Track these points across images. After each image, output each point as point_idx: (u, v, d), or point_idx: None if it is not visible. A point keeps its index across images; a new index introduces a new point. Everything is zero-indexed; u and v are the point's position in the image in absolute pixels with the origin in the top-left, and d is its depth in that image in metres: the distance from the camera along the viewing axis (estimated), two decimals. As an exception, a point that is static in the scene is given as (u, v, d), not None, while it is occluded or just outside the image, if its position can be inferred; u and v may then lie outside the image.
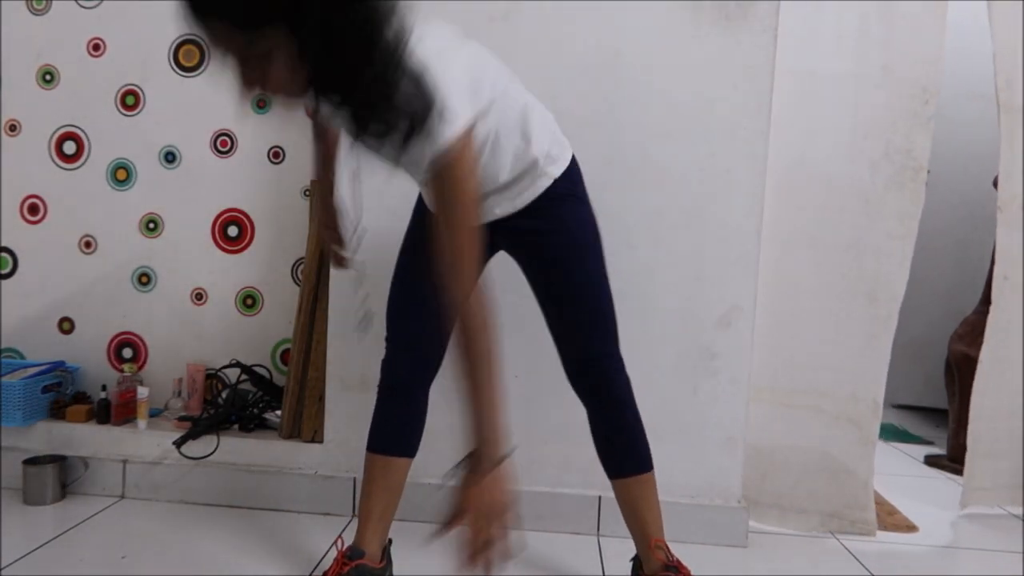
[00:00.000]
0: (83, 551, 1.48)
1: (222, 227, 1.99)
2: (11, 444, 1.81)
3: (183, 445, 1.75)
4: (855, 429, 1.78)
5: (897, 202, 1.75)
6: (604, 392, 1.33)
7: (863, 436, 1.78)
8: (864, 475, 1.78)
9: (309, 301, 1.80)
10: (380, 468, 1.35)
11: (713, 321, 1.66)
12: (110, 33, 1.98)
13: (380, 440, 1.36)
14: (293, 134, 1.95)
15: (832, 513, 1.80)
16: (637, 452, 1.35)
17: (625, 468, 1.36)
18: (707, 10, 1.62)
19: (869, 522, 1.77)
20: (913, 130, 1.74)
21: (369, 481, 1.36)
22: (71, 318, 2.03)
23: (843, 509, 1.79)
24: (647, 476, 1.35)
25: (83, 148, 2.00)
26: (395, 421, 1.36)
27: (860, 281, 1.78)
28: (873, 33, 1.74)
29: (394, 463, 1.35)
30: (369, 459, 1.36)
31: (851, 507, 1.78)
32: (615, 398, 1.33)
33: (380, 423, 1.37)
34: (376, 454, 1.35)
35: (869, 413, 1.78)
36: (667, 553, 1.32)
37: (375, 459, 1.35)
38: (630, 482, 1.35)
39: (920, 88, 1.73)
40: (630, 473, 1.35)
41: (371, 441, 1.36)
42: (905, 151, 1.74)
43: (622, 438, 1.35)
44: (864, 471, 1.78)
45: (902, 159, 1.74)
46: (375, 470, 1.35)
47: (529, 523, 1.69)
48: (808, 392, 1.81)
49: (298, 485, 1.74)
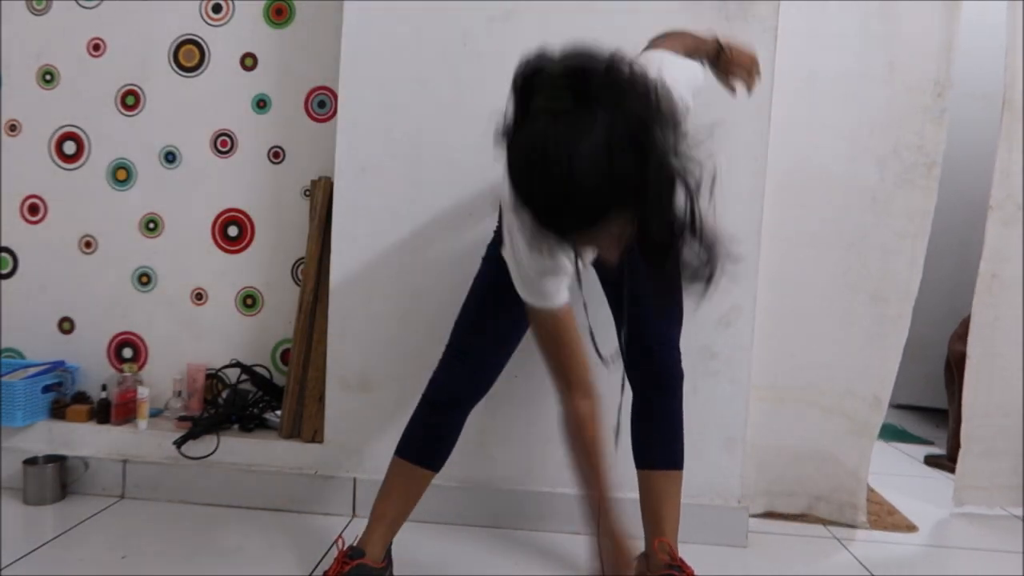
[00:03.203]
0: (83, 551, 1.48)
1: (222, 227, 1.99)
2: (11, 444, 1.80)
3: (183, 445, 1.75)
4: (847, 422, 1.79)
5: (907, 200, 1.74)
6: (664, 378, 1.35)
7: (855, 428, 1.79)
8: (854, 465, 1.78)
9: (309, 301, 1.80)
10: (405, 475, 1.35)
11: (713, 321, 1.66)
12: (110, 33, 1.98)
13: (412, 448, 1.35)
14: (293, 134, 1.95)
15: (820, 496, 1.81)
16: (674, 447, 1.37)
17: (657, 460, 1.37)
18: (707, 10, 1.62)
19: (858, 507, 1.78)
20: (925, 125, 1.72)
21: (391, 484, 1.35)
22: (71, 318, 2.03)
23: (831, 493, 1.80)
24: (676, 474, 1.36)
25: (83, 148, 2.00)
26: (433, 434, 1.36)
27: (864, 280, 1.77)
28: (876, 29, 1.73)
29: (420, 473, 1.35)
30: (396, 463, 1.36)
31: (839, 491, 1.79)
32: (670, 386, 1.35)
33: (417, 432, 1.36)
34: (405, 460, 1.35)
35: (867, 408, 1.78)
36: (672, 553, 1.32)
37: (403, 465, 1.35)
38: (659, 475, 1.36)
39: (931, 82, 1.71)
40: (662, 466, 1.36)
41: (403, 447, 1.36)
42: (916, 147, 1.72)
43: (665, 428, 1.36)
44: (854, 461, 1.78)
45: (913, 155, 1.72)
46: (400, 475, 1.35)
47: (529, 523, 1.69)
48: (805, 388, 1.81)
49: (298, 485, 1.74)
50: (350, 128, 1.71)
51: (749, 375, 1.67)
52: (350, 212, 1.72)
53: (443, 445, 1.36)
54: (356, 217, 1.72)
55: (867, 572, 1.56)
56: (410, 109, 1.69)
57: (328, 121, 1.92)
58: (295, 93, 1.94)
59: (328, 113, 1.92)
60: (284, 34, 1.93)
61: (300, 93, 1.94)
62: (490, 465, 1.72)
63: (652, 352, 1.34)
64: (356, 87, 1.70)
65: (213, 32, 1.95)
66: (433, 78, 1.68)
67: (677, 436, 1.37)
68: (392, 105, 1.69)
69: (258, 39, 1.94)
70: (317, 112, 1.94)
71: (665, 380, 1.36)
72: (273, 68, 1.94)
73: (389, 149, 1.70)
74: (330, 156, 1.75)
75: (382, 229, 1.71)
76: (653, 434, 1.37)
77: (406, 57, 1.68)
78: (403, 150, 1.70)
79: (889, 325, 1.76)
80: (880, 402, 1.78)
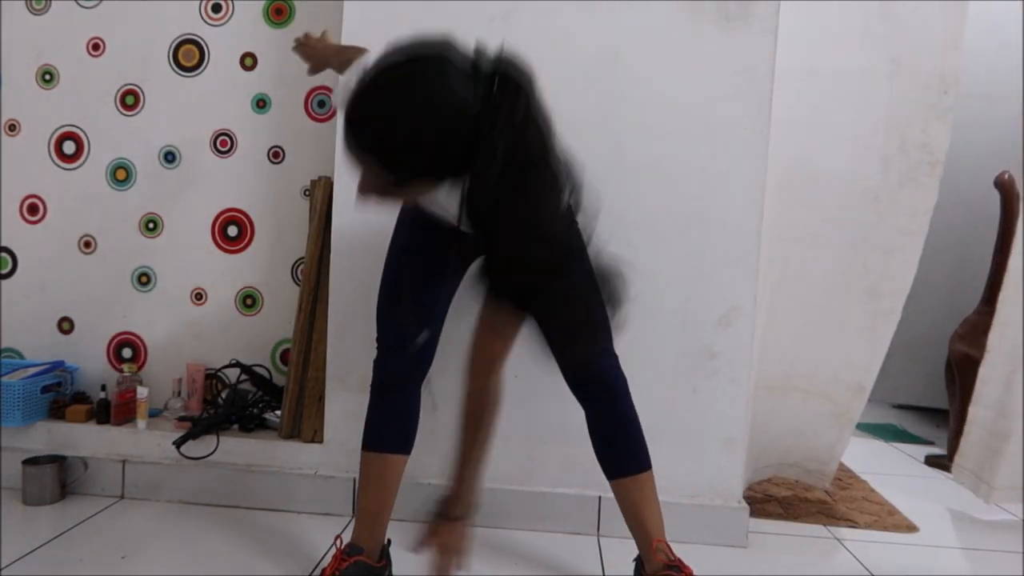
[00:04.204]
0: (83, 551, 1.48)
1: (222, 227, 1.98)
2: (11, 444, 1.80)
3: (183, 445, 1.75)
4: (829, 404, 1.80)
5: (910, 198, 1.73)
6: (605, 388, 1.34)
7: (835, 410, 1.82)
8: (830, 442, 1.79)
9: (309, 301, 1.80)
10: (375, 466, 1.36)
11: (713, 321, 1.66)
12: (110, 33, 1.98)
13: (375, 438, 1.36)
14: (293, 134, 1.95)
15: (792, 463, 1.81)
16: (636, 450, 1.36)
17: (623, 467, 1.36)
18: (707, 10, 1.62)
19: (825, 475, 1.79)
20: (930, 123, 1.70)
21: (365, 479, 1.36)
22: (71, 318, 2.03)
23: (802, 460, 1.81)
24: (646, 475, 1.35)
25: (83, 148, 2.00)
26: (389, 418, 1.37)
27: (863, 277, 1.77)
28: (877, 28, 1.72)
29: (390, 460, 1.35)
30: (364, 457, 1.36)
31: (810, 460, 1.81)
32: (614, 393, 1.34)
33: (374, 421, 1.37)
34: (371, 452, 1.36)
35: (849, 394, 1.79)
36: (668, 553, 1.32)
37: (370, 457, 1.36)
38: (628, 482, 1.35)
39: (937, 79, 1.69)
40: (628, 472, 1.35)
41: (366, 439, 1.37)
42: (921, 145, 1.71)
43: (620, 436, 1.35)
44: (831, 440, 1.80)
45: (918, 153, 1.71)
46: (370, 468, 1.36)
47: (529, 523, 1.69)
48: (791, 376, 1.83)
49: (298, 485, 1.74)
50: (350, 128, 1.71)
51: (750, 375, 1.67)
52: (350, 212, 1.72)
53: (404, 427, 1.37)
54: (356, 217, 1.71)
55: (867, 572, 1.56)
56: (410, 109, 1.69)
57: (328, 121, 1.92)
58: (295, 93, 1.94)
59: (328, 113, 1.92)
60: (284, 34, 1.93)
61: (300, 93, 1.94)
62: (490, 465, 1.72)
63: (584, 367, 1.33)
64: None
65: (213, 32, 1.95)
66: (433, 78, 1.68)
67: (637, 439, 1.35)
68: (392, 105, 1.69)
69: (258, 39, 1.94)
70: (317, 112, 1.94)
71: (606, 390, 1.34)
72: (273, 68, 1.94)
73: (389, 149, 1.70)
74: (330, 156, 1.75)
75: (382, 229, 1.71)
76: (613, 444, 1.36)
77: (406, 57, 1.68)
78: (403, 150, 1.69)
79: (880, 318, 1.76)
80: (863, 389, 1.79)
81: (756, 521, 1.77)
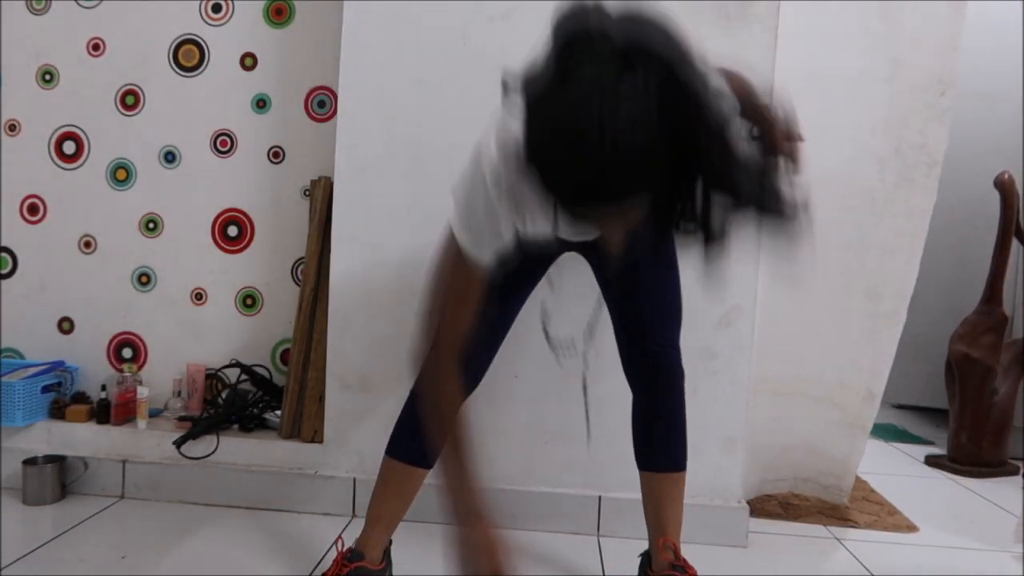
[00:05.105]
0: (83, 551, 1.48)
1: (222, 227, 1.98)
2: (11, 444, 1.80)
3: (183, 445, 1.75)
4: (838, 411, 1.79)
5: (908, 198, 1.73)
6: (665, 379, 1.32)
7: (846, 419, 1.79)
8: (843, 454, 1.78)
9: (309, 301, 1.80)
10: (398, 475, 1.32)
11: (713, 321, 1.66)
12: (110, 33, 1.97)
13: (403, 448, 1.32)
14: (293, 134, 1.95)
15: (807, 479, 1.81)
16: (675, 448, 1.34)
17: (661, 463, 1.34)
18: (707, 10, 1.62)
19: (843, 490, 1.78)
20: (928, 124, 1.71)
21: (383, 485, 1.33)
22: (71, 318, 2.03)
23: (817, 476, 1.80)
24: (679, 476, 1.34)
25: (83, 148, 2.00)
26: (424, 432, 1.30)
27: (860, 278, 1.78)
28: (877, 28, 1.73)
29: (413, 472, 1.32)
30: (388, 464, 1.33)
31: (825, 475, 1.79)
32: (672, 386, 1.33)
33: (407, 430, 1.31)
34: (396, 460, 1.32)
35: (859, 400, 1.79)
36: (676, 553, 1.32)
37: (395, 465, 1.32)
38: (662, 478, 1.34)
39: (935, 80, 1.70)
40: (664, 469, 1.34)
41: (393, 447, 1.33)
42: (919, 146, 1.71)
43: (664, 429, 1.34)
44: (844, 451, 1.78)
45: (915, 155, 1.71)
46: (392, 476, 1.33)
47: (529, 523, 1.69)
48: (796, 380, 1.82)
49: (298, 485, 1.74)
50: (350, 128, 1.71)
51: (749, 375, 1.67)
52: (350, 212, 1.72)
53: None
54: (356, 217, 1.72)
55: (867, 572, 1.56)
56: (410, 109, 1.69)
57: (328, 121, 1.92)
58: (295, 93, 1.94)
59: (328, 113, 1.92)
60: (284, 34, 1.93)
61: (300, 93, 1.94)
62: (490, 465, 1.72)
63: (653, 353, 1.32)
64: (356, 87, 1.70)
65: (213, 32, 1.95)
66: (433, 78, 1.68)
67: (680, 438, 1.35)
68: (392, 105, 1.69)
69: (258, 39, 1.94)
70: (317, 112, 1.94)
71: (666, 380, 1.33)
72: (273, 68, 1.94)
73: (389, 149, 1.70)
74: (330, 156, 1.75)
75: (382, 229, 1.71)
76: (655, 436, 1.34)
77: (406, 57, 1.68)
78: (403, 150, 1.69)
79: (883, 320, 1.76)
80: (873, 396, 1.78)
81: (756, 521, 1.77)
